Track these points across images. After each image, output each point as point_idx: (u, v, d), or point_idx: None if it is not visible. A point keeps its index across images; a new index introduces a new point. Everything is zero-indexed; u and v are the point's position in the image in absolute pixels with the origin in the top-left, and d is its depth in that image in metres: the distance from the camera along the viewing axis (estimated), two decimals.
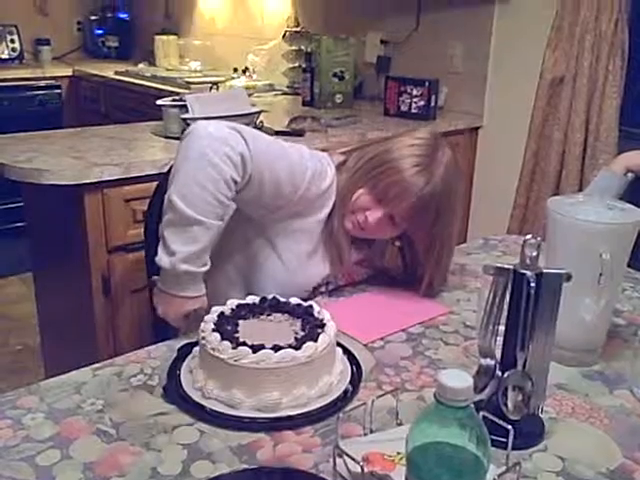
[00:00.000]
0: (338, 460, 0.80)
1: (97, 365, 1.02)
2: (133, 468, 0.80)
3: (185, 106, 2.13)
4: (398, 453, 0.80)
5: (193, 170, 1.10)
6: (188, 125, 2.10)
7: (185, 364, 1.01)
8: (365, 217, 1.27)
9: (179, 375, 0.98)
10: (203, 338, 0.96)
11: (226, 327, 0.98)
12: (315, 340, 0.94)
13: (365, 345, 1.11)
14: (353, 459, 0.77)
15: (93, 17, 4.42)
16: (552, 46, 2.40)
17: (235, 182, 1.13)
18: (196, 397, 0.93)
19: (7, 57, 3.97)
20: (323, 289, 1.35)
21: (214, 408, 0.91)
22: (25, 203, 2.14)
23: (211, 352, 0.93)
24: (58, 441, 0.84)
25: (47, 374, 1.82)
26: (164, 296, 1.16)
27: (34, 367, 2.37)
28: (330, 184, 1.28)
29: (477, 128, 2.81)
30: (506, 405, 0.85)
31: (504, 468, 0.76)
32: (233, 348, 0.92)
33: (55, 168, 1.75)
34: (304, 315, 1.04)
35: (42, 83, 3.77)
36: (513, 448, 0.79)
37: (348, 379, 0.99)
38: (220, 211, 1.13)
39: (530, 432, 0.88)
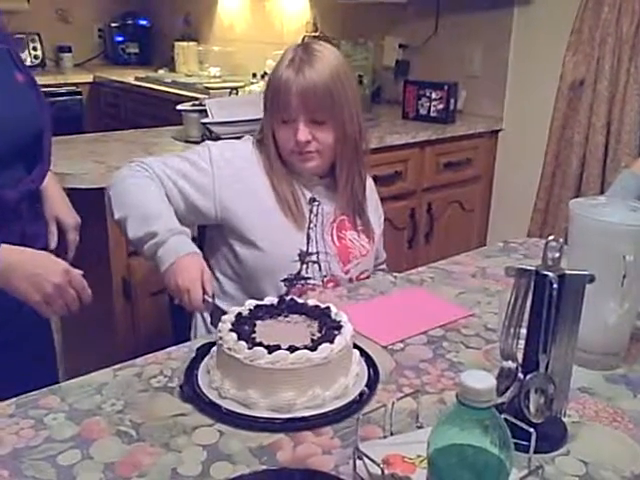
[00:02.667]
0: (358, 462, 0.79)
1: (117, 366, 1.03)
2: (153, 469, 0.81)
3: (205, 111, 2.15)
4: (418, 456, 0.79)
5: (119, 194, 1.31)
6: (208, 130, 2.12)
7: (203, 364, 1.02)
8: (296, 141, 1.33)
9: (196, 374, 0.99)
10: (220, 338, 0.96)
11: (243, 327, 0.98)
12: (331, 342, 0.94)
13: (385, 347, 1.10)
14: (373, 461, 0.76)
15: (114, 24, 4.48)
16: (572, 49, 2.38)
17: (151, 178, 1.31)
18: (212, 397, 0.94)
19: (30, 64, 4.03)
20: (314, 258, 1.38)
21: (230, 408, 0.91)
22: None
23: (227, 352, 0.93)
24: (79, 441, 0.85)
25: (68, 375, 1.84)
26: (172, 270, 1.20)
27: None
28: (237, 153, 1.39)
29: (497, 131, 2.80)
30: (528, 408, 0.84)
31: (526, 471, 0.75)
32: (249, 348, 0.92)
33: (77, 172, 1.77)
34: (321, 316, 1.04)
35: (63, 89, 3.82)
36: (535, 452, 0.78)
37: (364, 382, 0.98)
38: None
39: (553, 436, 0.87)
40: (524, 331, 0.86)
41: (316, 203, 1.42)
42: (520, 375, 0.85)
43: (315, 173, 1.42)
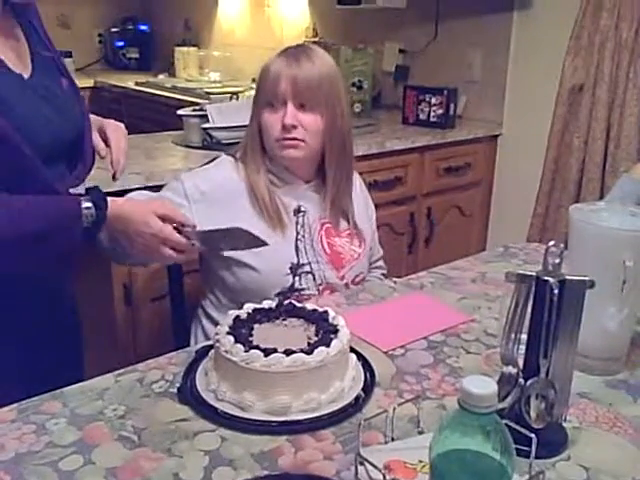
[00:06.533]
0: (360, 468, 0.79)
1: (119, 371, 1.03)
2: (155, 474, 0.81)
3: (205, 116, 2.15)
4: (420, 461, 0.80)
5: None
6: (208, 135, 2.13)
7: (201, 366, 1.02)
8: (283, 125, 1.32)
9: (194, 377, 1.00)
10: (217, 341, 0.97)
11: (241, 330, 0.99)
12: (327, 345, 0.94)
13: (385, 353, 1.11)
14: (375, 467, 0.77)
15: (114, 29, 4.48)
16: (572, 54, 2.39)
17: None
18: (209, 399, 0.94)
19: None
20: (307, 268, 1.38)
21: (226, 410, 0.92)
22: None
23: (224, 354, 0.94)
24: (81, 446, 0.85)
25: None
26: None
27: None
28: (214, 182, 1.37)
29: (496, 136, 2.81)
30: (529, 413, 0.84)
31: (527, 477, 0.75)
32: (245, 351, 0.92)
33: None
34: (319, 320, 1.04)
35: None
36: (536, 457, 0.78)
37: (361, 386, 0.99)
38: None
39: (553, 441, 0.87)
40: (525, 336, 0.87)
41: (301, 214, 1.41)
42: (521, 380, 0.86)
43: (297, 166, 1.39)
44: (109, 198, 1.07)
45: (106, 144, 1.24)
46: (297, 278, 1.37)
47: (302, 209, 1.41)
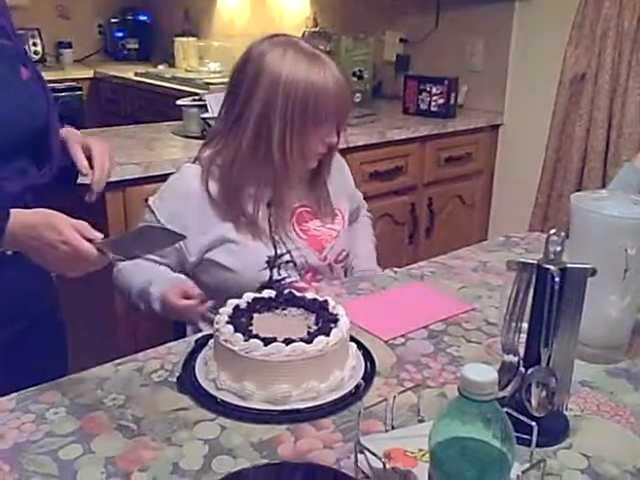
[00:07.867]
0: (359, 456, 0.79)
1: (118, 361, 1.03)
2: (154, 463, 0.81)
3: (205, 106, 2.14)
4: (420, 450, 0.79)
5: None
6: (208, 124, 2.12)
7: (201, 355, 1.02)
8: (329, 144, 1.32)
9: (194, 366, 1.00)
10: (217, 330, 0.97)
11: (240, 320, 0.99)
12: (327, 334, 0.94)
13: (386, 342, 1.10)
14: (375, 455, 0.76)
15: (114, 20, 4.46)
16: (573, 43, 2.37)
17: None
18: (209, 388, 0.94)
19: None
20: (287, 257, 1.35)
21: (225, 399, 0.92)
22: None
23: (224, 344, 0.94)
24: (80, 436, 0.85)
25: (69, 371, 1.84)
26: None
27: None
28: (182, 201, 1.32)
29: (498, 126, 2.80)
30: (530, 402, 0.84)
31: (528, 465, 0.75)
32: (245, 340, 0.92)
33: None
34: (319, 310, 1.04)
35: (63, 85, 3.80)
36: (537, 445, 0.78)
37: (361, 375, 0.99)
38: None
39: (554, 429, 0.86)
40: (526, 325, 0.86)
41: (273, 207, 1.36)
42: (522, 369, 0.85)
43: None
44: (16, 210, 0.94)
45: (90, 162, 1.17)
46: (275, 270, 1.35)
47: (274, 200, 1.37)
